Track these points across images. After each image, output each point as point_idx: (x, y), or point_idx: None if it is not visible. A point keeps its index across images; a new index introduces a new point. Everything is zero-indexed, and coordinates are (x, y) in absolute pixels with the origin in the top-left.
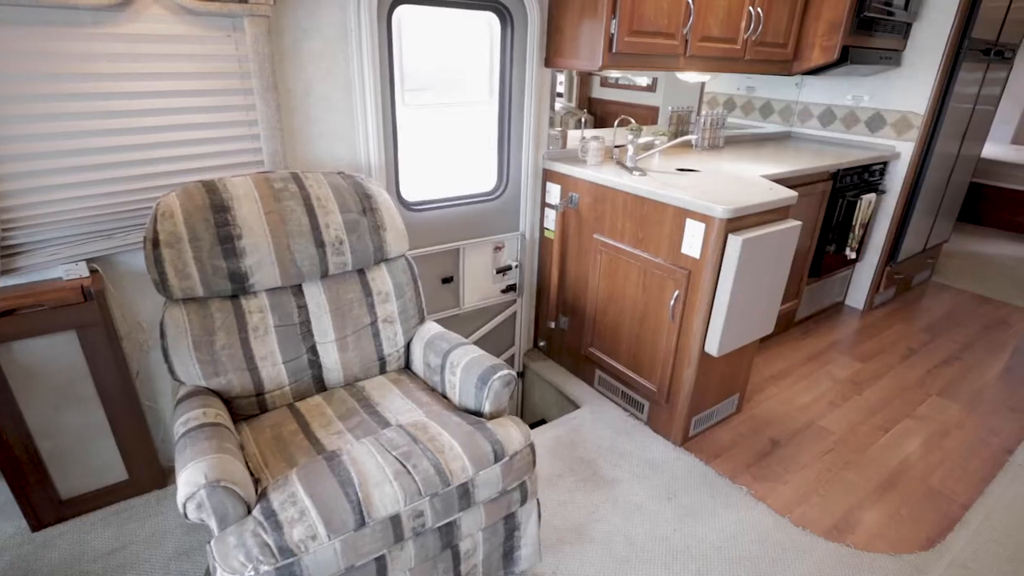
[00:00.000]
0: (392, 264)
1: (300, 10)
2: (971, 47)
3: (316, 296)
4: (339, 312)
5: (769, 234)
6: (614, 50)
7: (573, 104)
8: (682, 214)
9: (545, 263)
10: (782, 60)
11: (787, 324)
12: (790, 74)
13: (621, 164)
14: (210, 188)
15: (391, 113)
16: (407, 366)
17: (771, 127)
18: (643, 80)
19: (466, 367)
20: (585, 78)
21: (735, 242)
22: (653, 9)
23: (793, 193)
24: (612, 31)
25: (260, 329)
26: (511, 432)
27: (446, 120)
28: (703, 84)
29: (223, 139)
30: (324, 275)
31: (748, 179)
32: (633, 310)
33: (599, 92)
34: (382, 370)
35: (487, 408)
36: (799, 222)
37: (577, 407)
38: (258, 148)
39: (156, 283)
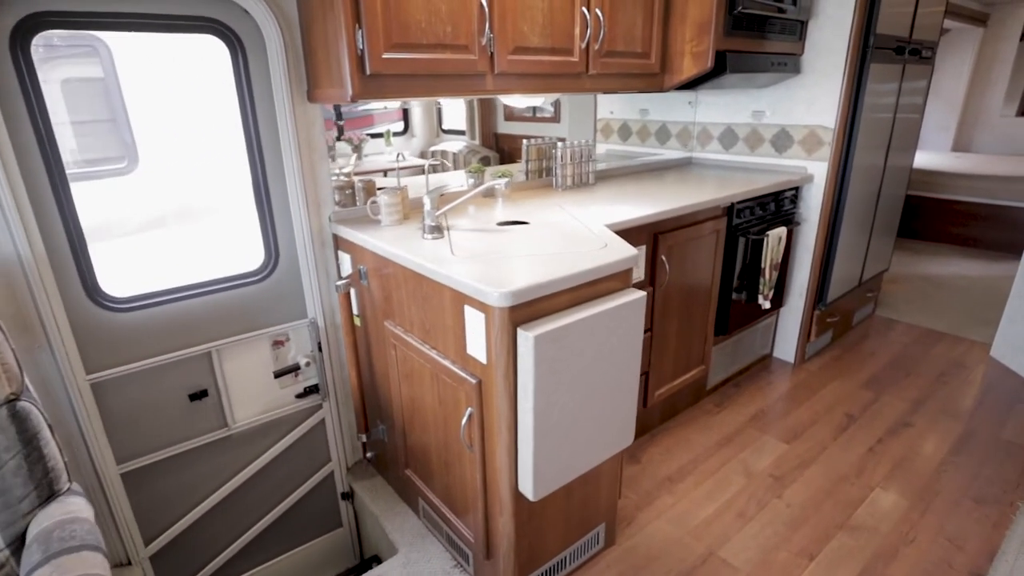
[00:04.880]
0: None
1: None
2: (879, 45)
3: None
4: None
5: (585, 320)
6: (368, 72)
7: (477, 141)
8: (460, 299)
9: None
10: (647, 74)
11: (696, 396)
12: (663, 90)
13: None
14: None
15: (54, 180)
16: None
17: (671, 153)
18: (549, 109)
19: None
20: (487, 111)
21: (526, 340)
22: (424, 14)
23: (632, 252)
24: (360, 46)
25: None
26: None
27: (209, 183)
28: (595, 110)
29: None
30: None
31: (585, 233)
32: (435, 428)
33: (504, 127)
34: None
35: None
36: (642, 293)
37: (396, 550)
38: None
39: None
